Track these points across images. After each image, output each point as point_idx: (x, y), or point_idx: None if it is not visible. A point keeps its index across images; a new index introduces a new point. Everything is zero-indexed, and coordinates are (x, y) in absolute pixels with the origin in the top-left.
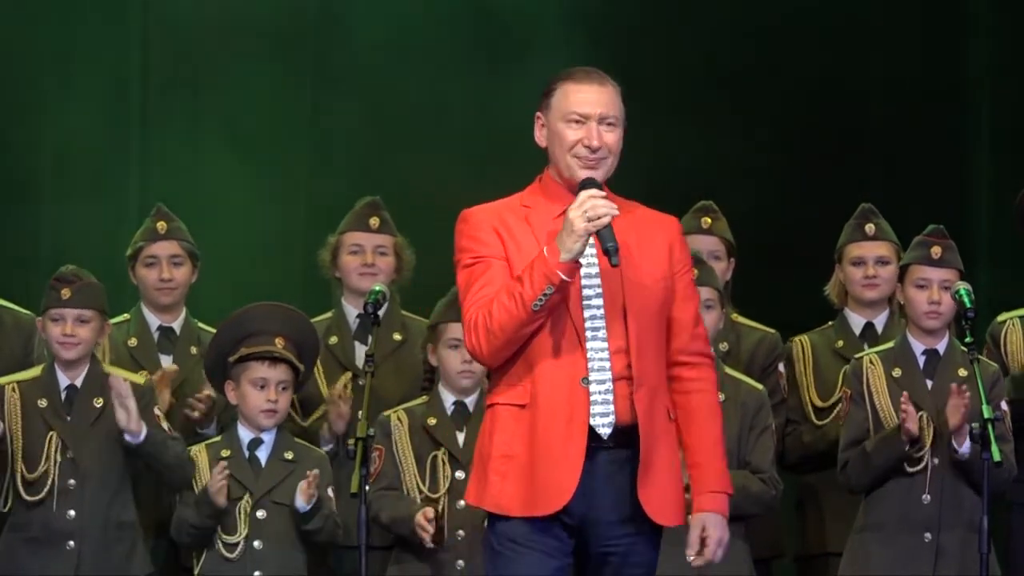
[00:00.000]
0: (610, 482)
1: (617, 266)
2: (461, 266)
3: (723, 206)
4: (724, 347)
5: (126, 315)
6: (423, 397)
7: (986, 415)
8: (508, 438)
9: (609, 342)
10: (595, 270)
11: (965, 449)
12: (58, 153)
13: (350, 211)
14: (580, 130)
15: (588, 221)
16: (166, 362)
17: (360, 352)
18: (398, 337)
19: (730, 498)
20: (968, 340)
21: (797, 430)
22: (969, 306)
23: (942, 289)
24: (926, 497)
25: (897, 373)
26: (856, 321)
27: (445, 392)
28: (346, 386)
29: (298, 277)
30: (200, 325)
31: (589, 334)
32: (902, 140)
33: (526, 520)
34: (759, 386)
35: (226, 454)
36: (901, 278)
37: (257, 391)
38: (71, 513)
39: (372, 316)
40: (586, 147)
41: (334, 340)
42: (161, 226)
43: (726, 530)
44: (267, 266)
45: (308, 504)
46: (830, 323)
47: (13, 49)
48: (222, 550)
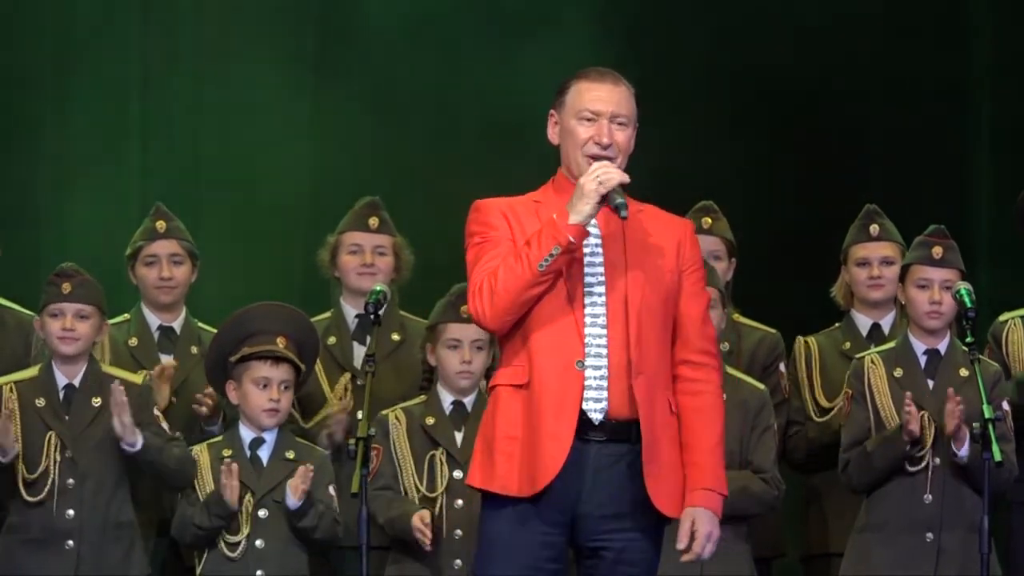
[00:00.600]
0: (602, 476)
1: (626, 219)
2: (471, 245)
3: (723, 206)
4: (725, 347)
5: (126, 315)
6: (421, 397)
7: (987, 415)
8: (509, 418)
9: (609, 330)
10: (599, 259)
11: (964, 452)
12: (58, 153)
13: (349, 211)
14: (591, 128)
15: (600, 183)
16: (166, 362)
17: (359, 352)
18: (396, 337)
19: (724, 500)
20: (969, 340)
21: (801, 430)
22: (970, 306)
23: (943, 289)
24: (927, 497)
25: (899, 373)
26: (863, 322)
27: (443, 392)
28: (346, 388)
29: (298, 277)
30: (200, 325)
31: (588, 320)
32: (902, 140)
33: (517, 520)
34: (761, 386)
35: (227, 454)
36: (902, 278)
37: (259, 391)
38: (70, 512)
39: (373, 316)
40: (596, 144)
41: (332, 340)
42: (160, 225)
43: (717, 526)
44: (268, 265)
45: (299, 501)
46: (837, 324)
47: (14, 49)
48: (224, 549)
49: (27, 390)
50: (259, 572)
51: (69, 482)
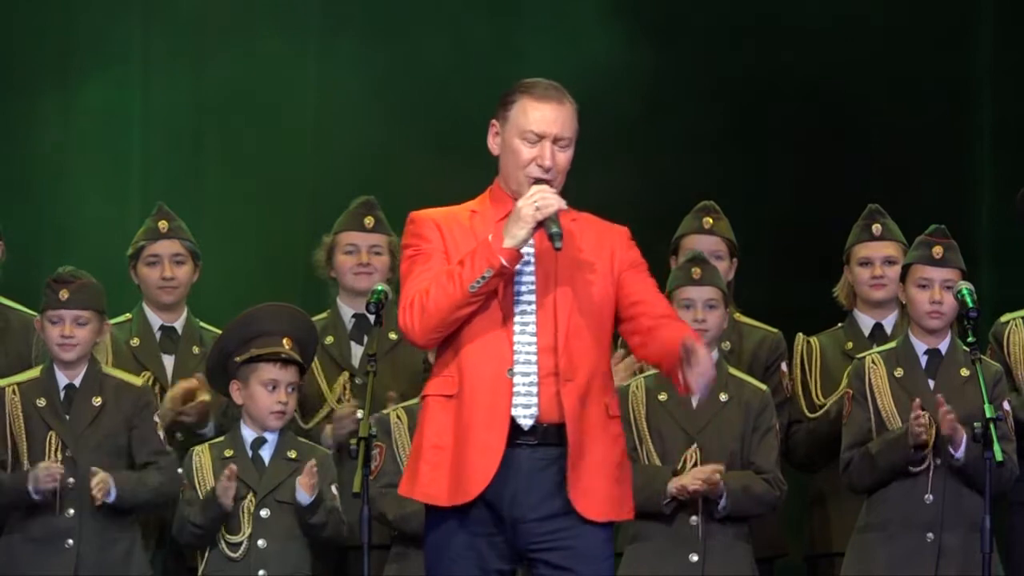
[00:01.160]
0: (534, 480)
1: (560, 250)
2: (404, 258)
3: (724, 206)
4: (727, 346)
5: (128, 315)
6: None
7: (988, 415)
8: (438, 428)
9: (538, 338)
10: (531, 268)
11: (960, 455)
12: (59, 153)
13: (344, 211)
14: (534, 149)
15: (536, 209)
16: (168, 362)
17: (356, 352)
18: (394, 336)
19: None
20: (970, 340)
21: (801, 429)
22: (971, 306)
23: (944, 289)
24: (928, 497)
25: (899, 373)
26: (865, 322)
27: None
28: (345, 388)
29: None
30: (202, 325)
31: (518, 328)
32: (904, 140)
33: (459, 525)
34: (763, 386)
35: (229, 454)
36: (903, 278)
37: (267, 392)
38: (70, 512)
39: (375, 316)
40: (539, 166)
41: (330, 340)
42: (163, 225)
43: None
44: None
45: (311, 496)
46: (840, 324)
47: (14, 50)
48: (226, 549)
49: (29, 391)
50: (261, 572)
51: (69, 481)
